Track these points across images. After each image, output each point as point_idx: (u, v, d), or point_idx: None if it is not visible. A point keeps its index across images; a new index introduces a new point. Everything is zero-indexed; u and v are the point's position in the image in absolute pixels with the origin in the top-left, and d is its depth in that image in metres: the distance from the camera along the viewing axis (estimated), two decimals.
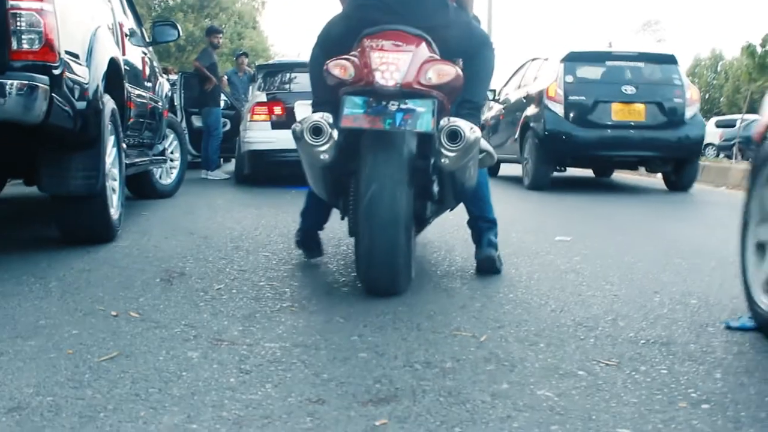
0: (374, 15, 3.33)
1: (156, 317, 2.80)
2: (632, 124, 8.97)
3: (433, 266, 3.92)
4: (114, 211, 4.51)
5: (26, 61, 3.56)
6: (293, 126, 3.27)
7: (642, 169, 11.81)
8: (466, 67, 3.51)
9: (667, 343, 2.58)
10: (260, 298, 3.13)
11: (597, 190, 9.66)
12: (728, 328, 2.78)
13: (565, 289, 3.44)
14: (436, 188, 3.39)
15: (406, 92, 3.08)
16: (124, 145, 4.94)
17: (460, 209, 3.96)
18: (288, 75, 9.83)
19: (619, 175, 12.94)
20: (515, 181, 10.37)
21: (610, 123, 8.97)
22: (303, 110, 8.79)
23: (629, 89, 9.01)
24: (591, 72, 9.56)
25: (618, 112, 8.94)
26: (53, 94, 3.60)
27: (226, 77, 12.09)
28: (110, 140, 4.44)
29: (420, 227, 3.82)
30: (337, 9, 3.63)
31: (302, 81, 9.49)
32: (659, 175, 10.43)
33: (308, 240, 4.06)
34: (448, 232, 5.15)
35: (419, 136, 3.20)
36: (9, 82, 3.44)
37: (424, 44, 3.25)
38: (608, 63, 9.51)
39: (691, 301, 3.24)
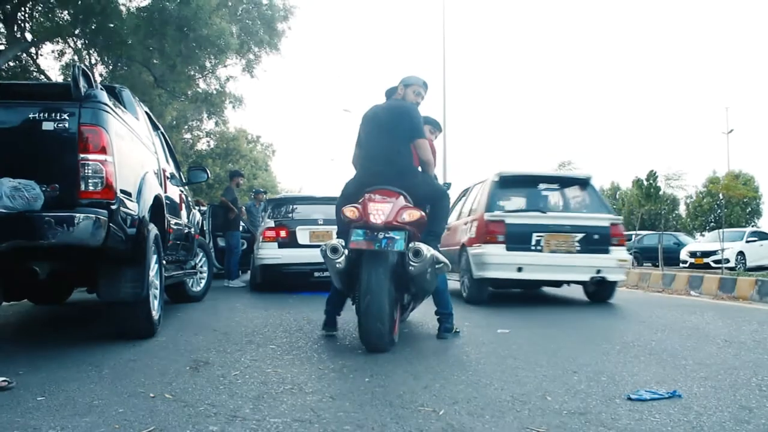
0: (372, 179, 4.30)
1: (185, 398, 2.74)
2: None
3: (403, 356, 3.88)
4: (155, 313, 4.46)
5: (91, 199, 3.62)
6: (321, 247, 4.11)
7: None
8: (431, 210, 4.43)
9: (585, 412, 2.57)
10: (267, 382, 3.08)
11: (520, 294, 9.69)
12: (629, 399, 2.78)
13: (505, 371, 3.42)
14: (410, 285, 4.19)
15: (388, 227, 3.92)
16: (164, 262, 4.93)
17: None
18: (291, 206, 9.94)
19: None
20: None
21: None
22: (302, 233, 8.86)
23: None
24: None
25: None
26: (110, 224, 3.64)
27: (244, 208, 12.20)
28: (153, 258, 4.44)
29: (403, 311, 4.62)
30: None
31: (302, 211, 9.63)
32: None
33: (330, 321, 4.72)
34: (415, 328, 5.13)
35: (398, 254, 3.96)
36: (77, 215, 3.49)
37: (401, 197, 4.16)
38: None
39: (601, 378, 3.23)
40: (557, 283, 8.23)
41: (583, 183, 8.01)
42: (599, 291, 7.75)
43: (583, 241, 7.11)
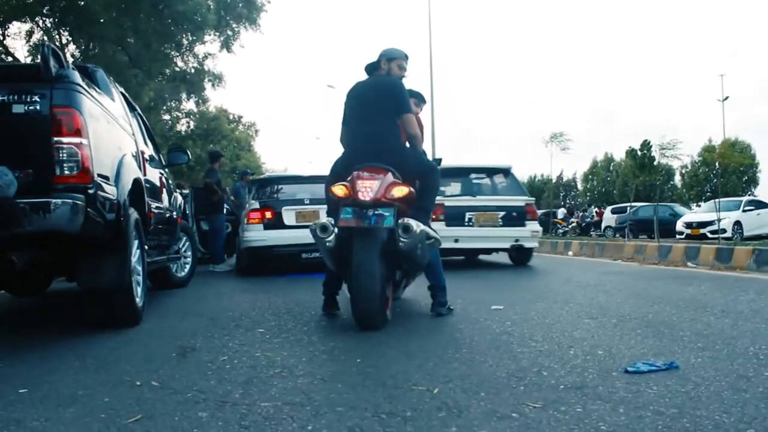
0: (360, 157, 4.31)
1: (172, 385, 2.74)
2: None
3: (395, 335, 3.89)
4: (138, 300, 4.45)
5: (67, 184, 3.58)
6: (311, 226, 4.23)
7: None
8: (420, 185, 4.43)
9: (581, 387, 2.59)
10: (256, 366, 3.09)
11: (508, 268, 9.75)
12: (626, 372, 2.80)
13: (499, 347, 3.44)
14: (401, 261, 4.25)
15: (377, 203, 3.99)
16: (146, 247, 4.91)
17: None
18: (276, 186, 9.86)
19: None
20: None
21: None
22: (288, 214, 8.84)
23: None
24: None
25: None
26: (88, 209, 3.60)
27: (228, 189, 12.16)
28: (135, 244, 4.42)
29: (396, 288, 4.77)
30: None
31: (287, 191, 9.57)
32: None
33: (329, 301, 4.74)
34: (407, 306, 5.15)
35: (388, 230, 4.01)
36: (53, 201, 3.45)
37: (390, 173, 4.19)
38: None
39: (598, 352, 3.26)
40: (488, 251, 10.64)
41: (505, 171, 10.43)
42: (519, 256, 10.11)
43: (505, 218, 9.53)
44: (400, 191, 4.11)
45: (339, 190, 4.14)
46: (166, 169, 7.01)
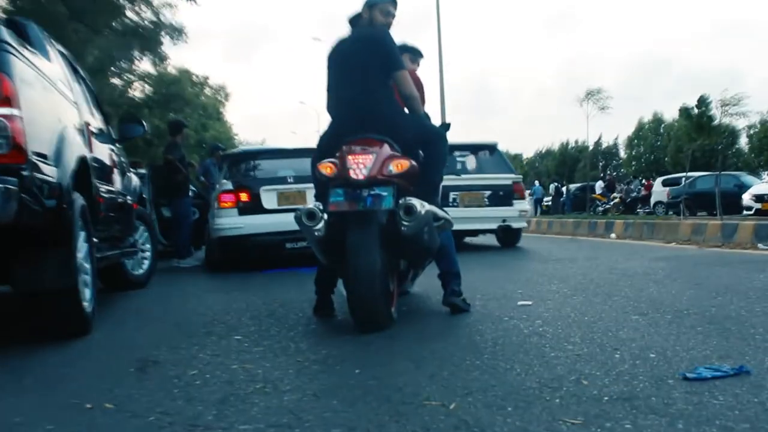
0: (348, 128, 4.36)
1: (131, 407, 2.74)
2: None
3: (401, 339, 3.89)
4: (87, 305, 4.43)
5: None
6: (295, 213, 4.23)
7: None
8: (424, 156, 4.49)
9: (630, 398, 2.58)
10: (233, 381, 3.08)
11: (536, 257, 9.75)
12: (685, 378, 2.80)
13: (529, 352, 3.44)
14: (405, 248, 4.25)
15: (373, 182, 4.01)
16: (95, 240, 4.89)
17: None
18: (252, 162, 9.80)
19: None
20: None
21: None
22: (268, 195, 8.82)
23: None
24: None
25: None
26: (23, 195, 3.57)
27: (197, 165, 12.12)
28: (81, 235, 4.40)
29: (401, 281, 4.84)
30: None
31: (266, 168, 9.53)
32: None
33: (322, 302, 4.72)
34: (414, 304, 5.15)
35: (388, 212, 4.05)
36: None
37: (386, 145, 4.21)
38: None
39: (650, 355, 3.25)
40: (474, 233, 11.97)
41: (491, 148, 11.80)
42: (507, 237, 11.68)
43: (491, 197, 11.00)
44: (400, 165, 4.12)
45: (326, 168, 4.16)
46: (118, 144, 6.99)
